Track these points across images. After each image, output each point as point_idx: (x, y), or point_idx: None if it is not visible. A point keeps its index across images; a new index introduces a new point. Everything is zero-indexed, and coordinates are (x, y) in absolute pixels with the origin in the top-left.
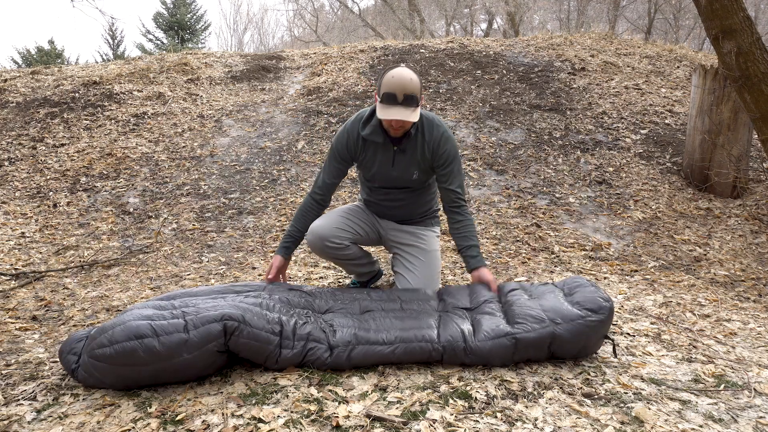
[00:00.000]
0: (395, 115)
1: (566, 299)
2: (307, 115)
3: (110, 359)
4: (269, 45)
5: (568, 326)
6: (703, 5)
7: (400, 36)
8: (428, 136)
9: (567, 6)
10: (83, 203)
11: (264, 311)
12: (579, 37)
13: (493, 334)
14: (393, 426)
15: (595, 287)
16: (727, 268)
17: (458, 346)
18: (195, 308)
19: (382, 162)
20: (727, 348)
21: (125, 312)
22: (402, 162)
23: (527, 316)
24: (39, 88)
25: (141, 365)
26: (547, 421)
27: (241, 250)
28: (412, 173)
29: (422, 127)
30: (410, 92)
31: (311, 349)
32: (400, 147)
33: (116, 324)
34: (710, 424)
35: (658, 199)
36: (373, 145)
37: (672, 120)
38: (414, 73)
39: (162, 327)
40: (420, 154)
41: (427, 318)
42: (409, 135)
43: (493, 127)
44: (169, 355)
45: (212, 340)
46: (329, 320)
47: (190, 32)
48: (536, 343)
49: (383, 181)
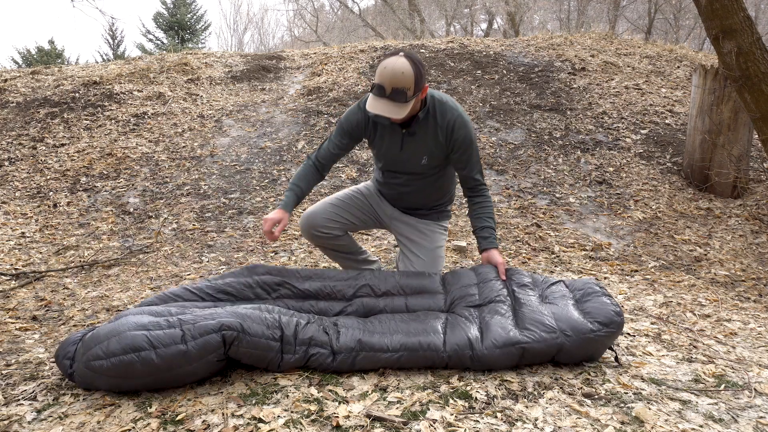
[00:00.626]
0: (378, 110)
1: (577, 307)
2: (307, 115)
3: (107, 371)
4: (269, 45)
5: (578, 339)
6: (703, 5)
7: (400, 36)
8: (441, 120)
9: (567, 6)
10: (83, 203)
11: (263, 314)
12: (579, 37)
13: (501, 342)
14: (393, 426)
15: (608, 297)
16: (727, 268)
17: (464, 354)
18: (192, 316)
19: (390, 145)
20: (728, 348)
21: (119, 317)
22: (411, 146)
23: (538, 323)
24: (39, 88)
25: (139, 377)
26: (547, 421)
27: (241, 250)
28: (420, 158)
29: (434, 110)
30: (400, 86)
31: (314, 354)
32: (409, 130)
33: (111, 334)
34: (710, 424)
35: (659, 199)
36: (381, 127)
37: (672, 120)
38: (411, 64)
39: (158, 338)
40: (432, 138)
41: (434, 321)
42: (418, 118)
43: (493, 127)
44: (167, 367)
45: (211, 351)
46: (333, 319)
47: (190, 32)
48: (543, 353)
49: (390, 164)
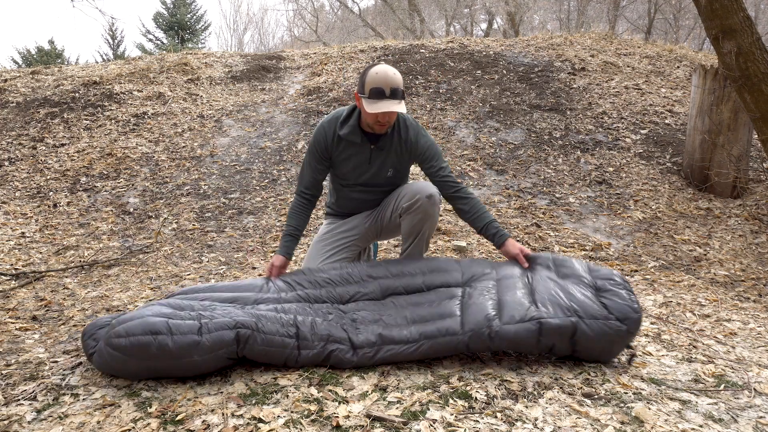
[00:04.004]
0: (385, 108)
1: (596, 296)
2: (307, 115)
3: (124, 350)
4: (269, 45)
5: (591, 323)
6: (703, 5)
7: (400, 36)
8: (404, 134)
9: (567, 6)
10: (83, 203)
11: (279, 314)
12: (579, 37)
13: (518, 317)
14: (393, 426)
15: (629, 293)
16: (727, 268)
17: (483, 333)
18: (211, 313)
19: (358, 161)
20: (727, 348)
21: (146, 306)
22: (378, 159)
23: (554, 303)
24: (39, 88)
25: (151, 360)
26: (547, 421)
27: (241, 250)
28: (387, 171)
29: (397, 126)
30: (396, 85)
31: (333, 350)
32: (377, 145)
33: (135, 317)
34: (710, 424)
35: (658, 199)
36: (349, 144)
37: (672, 120)
38: (395, 69)
39: (177, 326)
40: (396, 152)
41: (449, 303)
42: (386, 133)
43: (493, 127)
44: (179, 354)
45: (224, 346)
46: (351, 314)
47: (190, 32)
48: (560, 330)
49: (357, 178)
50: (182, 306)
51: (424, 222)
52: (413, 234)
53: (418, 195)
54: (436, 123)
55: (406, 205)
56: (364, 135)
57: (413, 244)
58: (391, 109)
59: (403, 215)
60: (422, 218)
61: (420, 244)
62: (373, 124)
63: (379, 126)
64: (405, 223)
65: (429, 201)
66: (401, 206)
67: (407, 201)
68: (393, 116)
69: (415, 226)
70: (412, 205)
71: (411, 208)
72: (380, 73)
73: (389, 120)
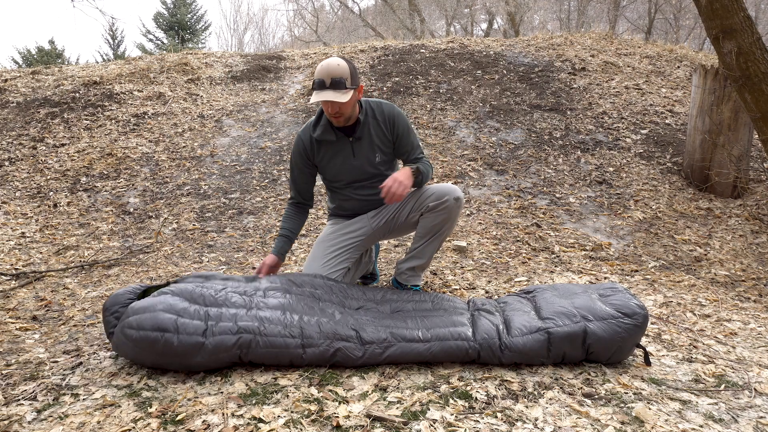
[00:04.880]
0: (324, 97)
1: (600, 299)
2: (307, 115)
3: (134, 341)
4: (269, 45)
5: (601, 324)
6: (703, 5)
7: (401, 36)
8: (380, 116)
9: (567, 6)
10: (83, 203)
11: (285, 315)
12: (579, 37)
13: (526, 329)
14: (393, 426)
15: (631, 294)
16: (727, 268)
17: (494, 343)
18: (218, 311)
19: (343, 157)
20: (728, 348)
21: (162, 293)
22: (362, 149)
23: (559, 314)
24: (39, 88)
25: (157, 355)
26: (547, 421)
27: (242, 250)
28: (374, 156)
29: (371, 110)
30: (337, 76)
31: (340, 348)
32: (355, 136)
33: (147, 309)
34: (710, 424)
35: (659, 199)
36: (328, 144)
37: (672, 120)
38: (344, 61)
39: (184, 326)
40: (377, 136)
41: (460, 316)
42: (360, 122)
43: (494, 127)
44: (183, 353)
45: (225, 350)
46: (359, 318)
47: (190, 32)
48: (569, 337)
49: (348, 175)
50: (195, 297)
51: (445, 222)
52: (431, 232)
53: (447, 196)
54: (436, 123)
55: (433, 205)
56: (338, 131)
57: (428, 241)
58: (328, 98)
59: (425, 213)
60: (445, 218)
61: (435, 243)
62: (329, 117)
63: (333, 118)
64: (425, 221)
65: (456, 203)
66: (427, 205)
67: (435, 200)
68: (339, 107)
69: (436, 225)
70: (438, 204)
71: (437, 208)
72: (323, 64)
73: (339, 111)
